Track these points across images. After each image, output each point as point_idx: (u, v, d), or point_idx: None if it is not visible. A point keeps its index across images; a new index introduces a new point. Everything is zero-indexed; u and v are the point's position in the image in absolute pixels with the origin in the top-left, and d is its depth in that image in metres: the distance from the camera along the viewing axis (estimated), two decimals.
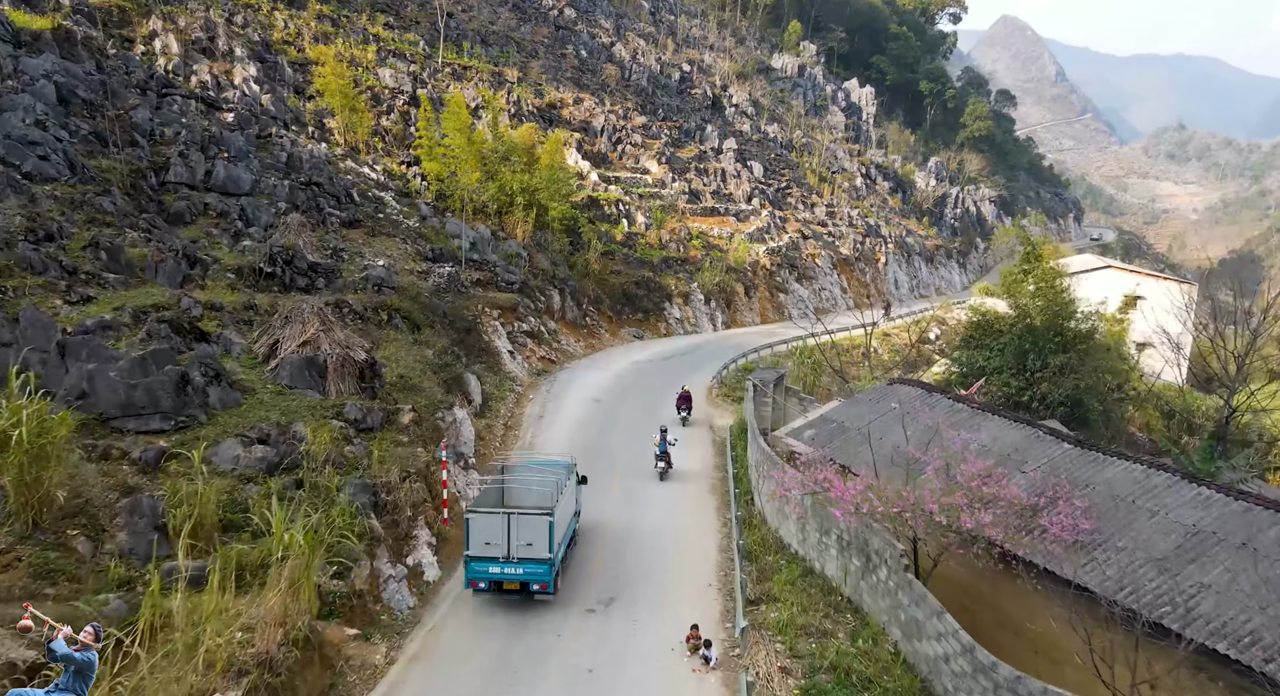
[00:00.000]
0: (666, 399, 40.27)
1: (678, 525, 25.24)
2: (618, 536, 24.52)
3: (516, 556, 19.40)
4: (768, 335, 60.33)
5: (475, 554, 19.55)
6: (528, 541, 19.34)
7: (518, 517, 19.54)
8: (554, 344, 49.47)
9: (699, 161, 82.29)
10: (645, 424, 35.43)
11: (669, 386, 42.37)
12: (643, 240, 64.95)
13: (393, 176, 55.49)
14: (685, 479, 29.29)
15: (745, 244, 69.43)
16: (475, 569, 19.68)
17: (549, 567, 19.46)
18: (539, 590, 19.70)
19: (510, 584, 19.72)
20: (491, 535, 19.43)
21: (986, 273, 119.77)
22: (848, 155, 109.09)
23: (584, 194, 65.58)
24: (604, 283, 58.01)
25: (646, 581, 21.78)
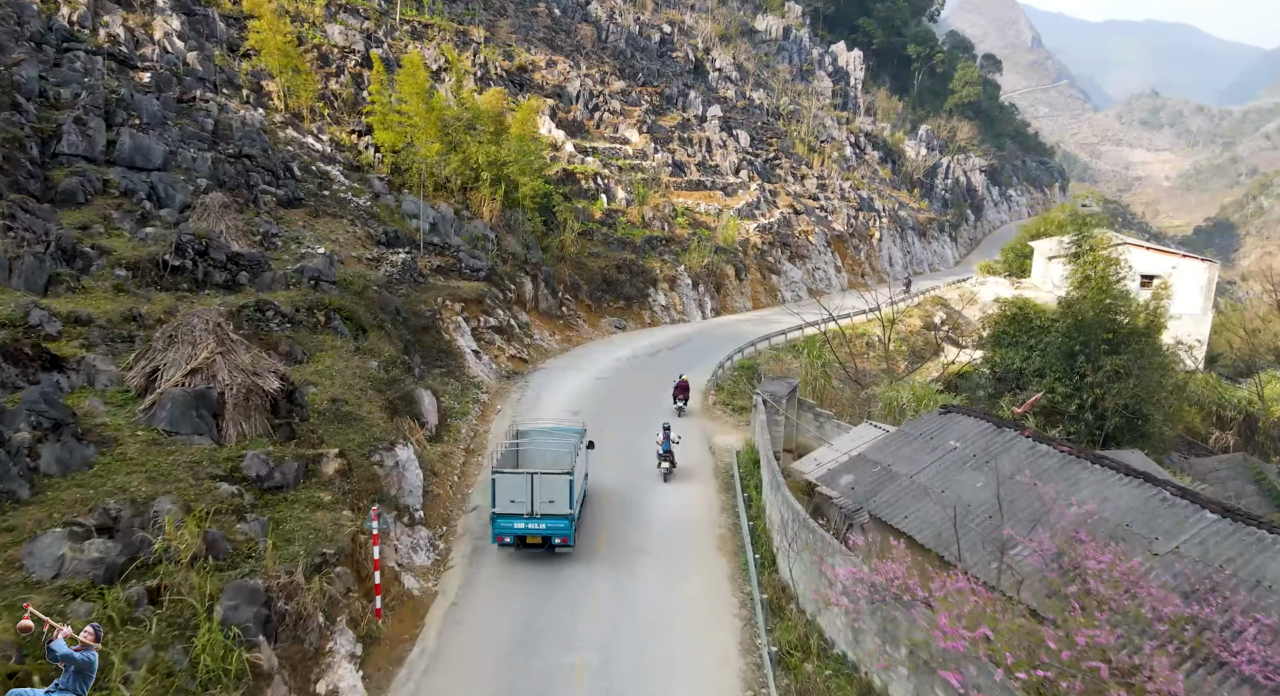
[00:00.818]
0: (657, 408, 34.36)
1: (680, 612, 19.20)
2: (603, 629, 18.57)
3: (540, 512, 20.88)
4: (763, 323, 54.41)
5: (501, 511, 21.01)
6: (549, 498, 20.85)
7: (540, 477, 20.95)
8: (526, 340, 43.23)
9: (682, 130, 75.65)
10: (634, 445, 29.51)
11: (658, 391, 36.44)
12: (624, 218, 58.54)
13: (341, 147, 48.57)
14: (684, 531, 23.36)
15: (734, 221, 63.23)
16: (501, 525, 21.13)
17: (569, 522, 21.03)
18: (560, 544, 21.19)
19: (533, 538, 21.15)
20: (516, 493, 20.86)
21: (976, 246, 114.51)
22: (836, 123, 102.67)
23: (558, 167, 58.92)
24: (581, 267, 51.69)
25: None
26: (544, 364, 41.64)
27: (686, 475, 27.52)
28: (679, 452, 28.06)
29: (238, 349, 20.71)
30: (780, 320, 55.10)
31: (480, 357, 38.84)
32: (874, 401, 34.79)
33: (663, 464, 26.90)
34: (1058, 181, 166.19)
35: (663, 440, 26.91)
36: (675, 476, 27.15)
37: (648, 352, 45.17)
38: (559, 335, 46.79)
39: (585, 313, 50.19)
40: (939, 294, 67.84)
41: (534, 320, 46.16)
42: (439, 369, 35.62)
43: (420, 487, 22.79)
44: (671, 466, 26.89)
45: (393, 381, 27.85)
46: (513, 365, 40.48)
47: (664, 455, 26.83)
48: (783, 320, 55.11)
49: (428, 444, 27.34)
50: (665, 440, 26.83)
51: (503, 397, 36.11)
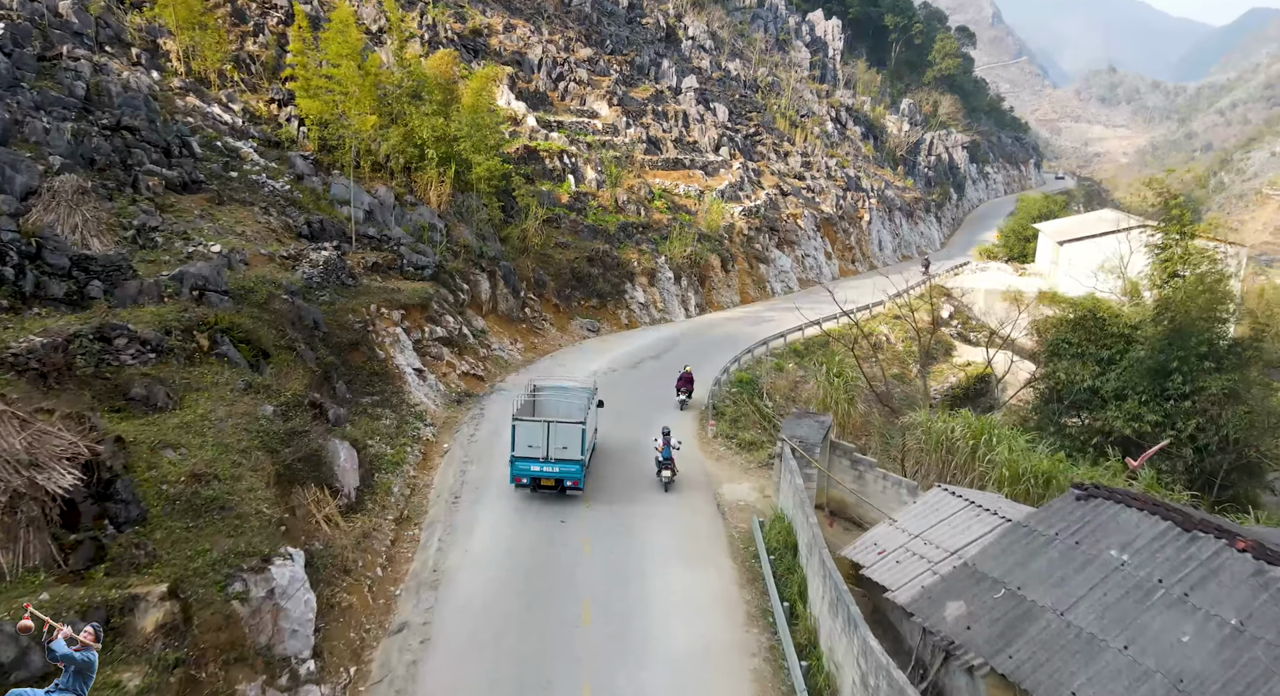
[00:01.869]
0: (644, 443, 27.10)
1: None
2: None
3: (554, 457, 22.35)
4: (756, 321, 47.21)
5: (520, 454, 22.55)
6: (563, 445, 22.38)
7: (555, 425, 22.56)
8: (482, 352, 35.57)
9: (656, 103, 67.75)
10: (624, 523, 22.17)
11: (647, 418, 29.19)
12: (594, 202, 50.78)
13: (258, 120, 40.10)
14: (700, 672, 16.01)
15: (718, 204, 55.76)
16: (519, 467, 22.66)
17: (580, 467, 22.59)
18: (571, 487, 22.70)
19: (547, 481, 22.67)
20: (533, 439, 22.42)
21: (959, 226, 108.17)
22: (815, 96, 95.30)
23: (519, 143, 50.88)
24: (547, 260, 43.95)
25: None
26: (504, 381, 34.04)
27: (695, 554, 20.28)
28: (677, 458, 24.30)
29: (3, 424, 12.91)
30: (774, 318, 47.91)
31: (425, 378, 31.16)
32: (911, 432, 27.83)
33: (663, 473, 23.83)
34: (1032, 158, 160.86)
35: (662, 446, 23.69)
36: (683, 559, 19.93)
37: (628, 363, 37.76)
38: (522, 343, 39.14)
39: (552, 314, 42.55)
40: (938, 282, 61.08)
41: (492, 326, 38.46)
42: (370, 397, 27.94)
43: (312, 620, 15.18)
44: (672, 475, 23.85)
45: (293, 434, 20.14)
46: (466, 384, 32.86)
47: (664, 463, 23.70)
48: (776, 318, 47.92)
49: (341, 520, 19.75)
50: (666, 446, 23.63)
51: (451, 430, 28.52)
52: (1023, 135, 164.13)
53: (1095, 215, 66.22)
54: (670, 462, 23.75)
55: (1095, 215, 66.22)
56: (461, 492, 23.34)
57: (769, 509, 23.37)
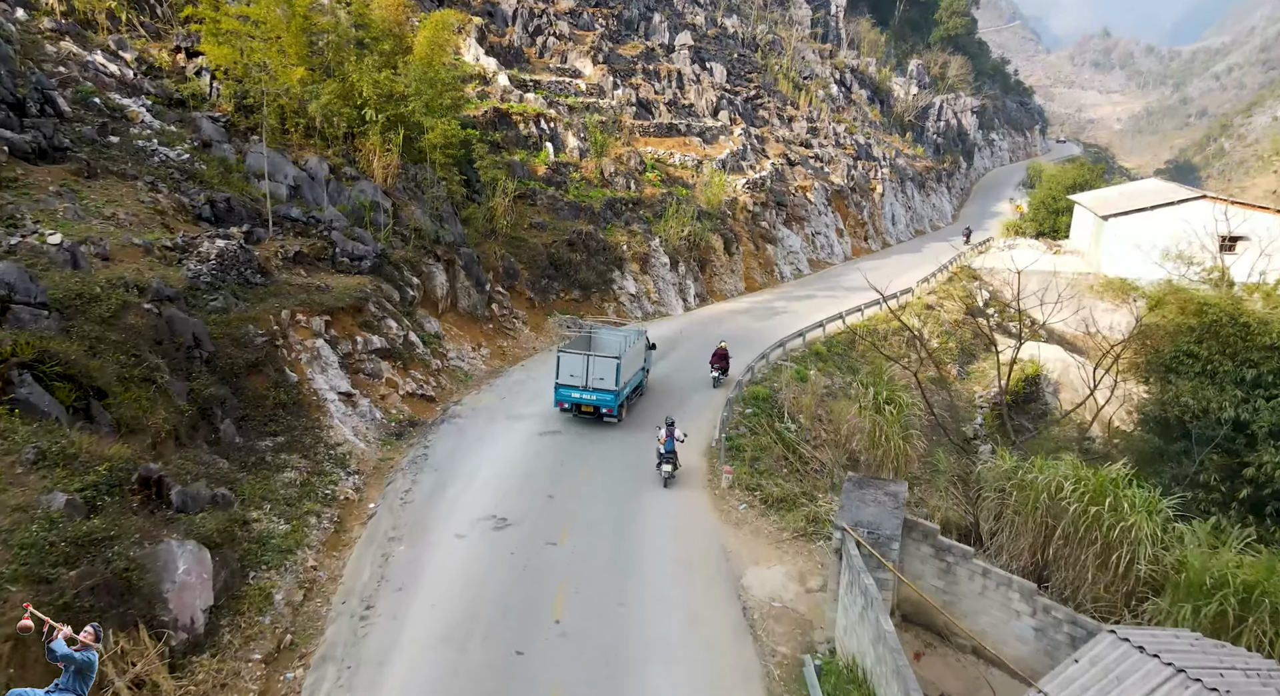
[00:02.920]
0: (648, 506, 20.03)
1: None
2: None
3: (592, 386, 24.88)
4: (765, 313, 39.95)
5: (562, 382, 25.25)
6: (600, 376, 24.83)
7: (593, 358, 24.99)
8: (434, 363, 28.23)
9: (646, 61, 59.68)
10: (608, 638, 15.12)
11: (636, 478, 22.06)
12: (576, 174, 43.13)
13: (158, 72, 32.20)
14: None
15: (719, 175, 48.10)
16: (562, 393, 25.38)
17: (615, 397, 24.83)
18: (606, 414, 25.27)
19: (586, 407, 25.34)
20: (574, 370, 25.04)
21: (967, 197, 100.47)
22: (818, 57, 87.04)
23: (488, 105, 43.02)
24: (520, 245, 36.46)
25: None
26: (462, 402, 26.76)
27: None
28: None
29: None
30: (787, 310, 40.64)
31: (355, 404, 23.88)
32: (990, 483, 20.78)
33: (663, 466, 21.85)
34: (1038, 124, 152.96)
35: (665, 438, 21.81)
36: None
37: None
38: (487, 347, 31.79)
39: (526, 310, 35.14)
40: (964, 263, 53.81)
41: (450, 328, 31.08)
42: (272, 439, 20.73)
43: None
44: (674, 469, 21.89)
45: (91, 543, 12.87)
46: (412, 409, 25.58)
47: (665, 455, 21.75)
48: (790, 310, 40.65)
49: (166, 677, 12.58)
50: (669, 438, 21.77)
51: (382, 480, 21.30)
52: (1027, 100, 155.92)
53: (1140, 186, 58.88)
54: (672, 455, 21.57)
55: (1140, 186, 58.88)
56: (378, 596, 16.16)
57: (815, 613, 16.35)
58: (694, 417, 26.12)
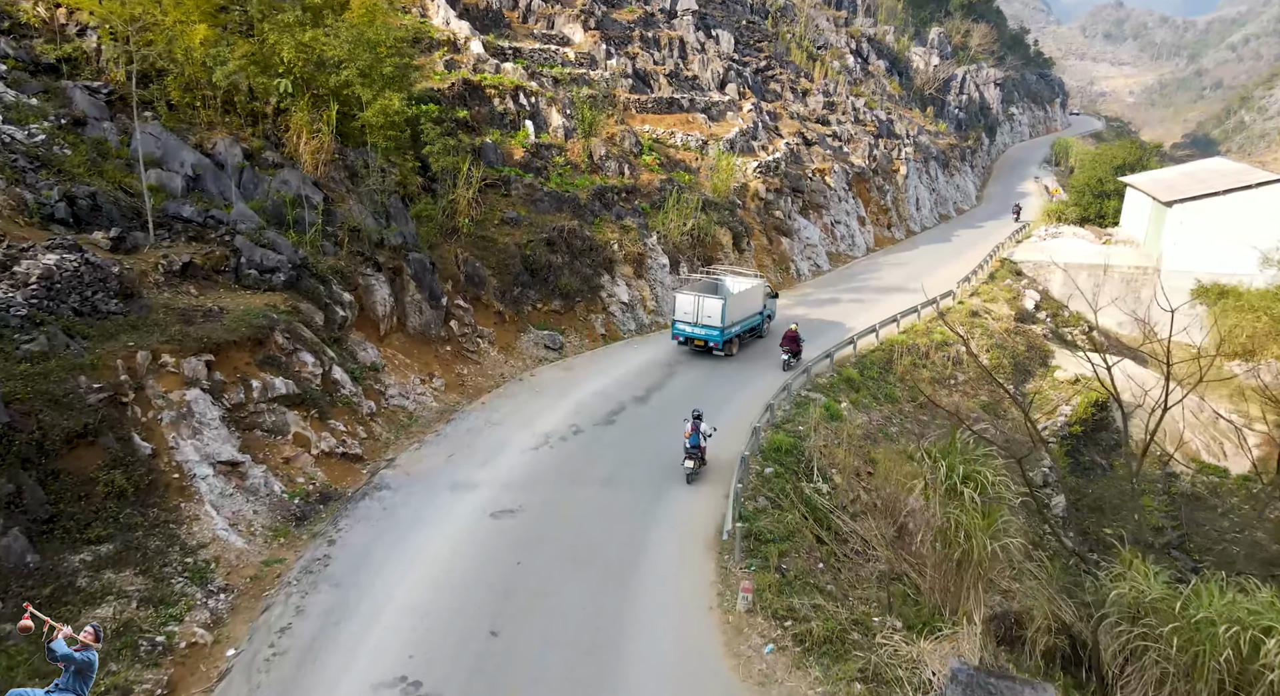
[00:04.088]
0: (632, 653, 13.82)
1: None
2: None
3: (701, 323, 28.32)
4: (783, 325, 33.38)
5: (677, 318, 29.01)
6: (709, 315, 28.18)
7: (701, 298, 28.31)
8: (366, 405, 21.92)
9: (645, 27, 52.67)
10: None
11: (625, 563, 15.87)
12: (560, 158, 36.49)
13: (27, 30, 25.64)
14: None
15: (727, 158, 41.32)
16: (677, 327, 29.17)
17: (720, 333, 28.16)
18: (714, 348, 28.64)
19: (698, 341, 28.77)
20: (687, 308, 28.61)
21: (990, 177, 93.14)
22: (832, 25, 79.58)
23: (456, 77, 36.28)
24: (487, 246, 29.96)
25: None
26: (396, 463, 20.45)
27: None
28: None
29: None
30: (808, 318, 34.15)
31: (242, 476, 17.63)
32: (1126, 618, 14.43)
33: (686, 462, 19.98)
34: (1059, 97, 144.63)
35: (690, 433, 19.82)
36: None
37: (602, 412, 24.16)
38: (442, 377, 25.42)
39: (493, 326, 28.68)
40: (1005, 255, 47.09)
41: (394, 355, 24.72)
42: (94, 549, 14.55)
43: None
44: (695, 466, 19.97)
45: None
46: (327, 475, 19.30)
47: (690, 450, 19.86)
48: (811, 318, 34.17)
49: None
50: (694, 433, 19.78)
51: (257, 604, 15.02)
52: (1047, 72, 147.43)
53: (1203, 165, 51.89)
54: (697, 451, 20.13)
55: (1203, 165, 51.89)
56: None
57: None
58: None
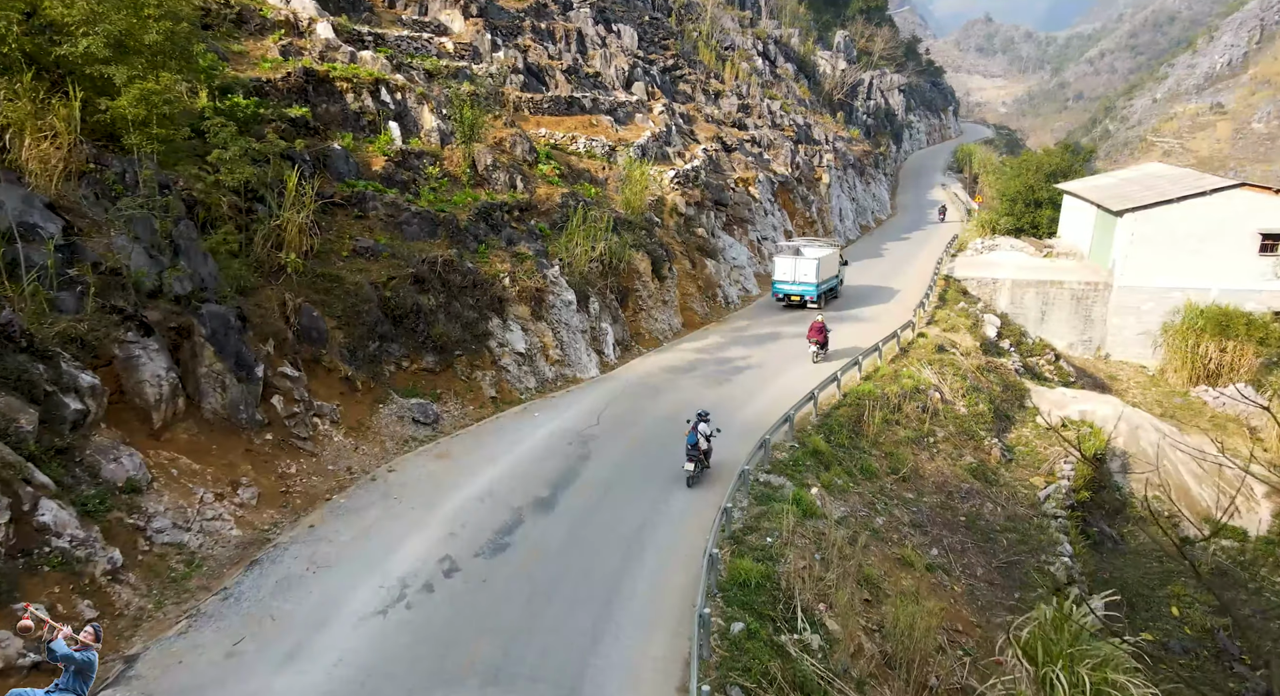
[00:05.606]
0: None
1: None
2: None
3: (798, 281, 34.82)
4: (720, 373, 26.51)
5: (776, 279, 35.75)
6: (804, 273, 34.61)
7: (796, 259, 34.78)
8: (104, 560, 13.50)
9: (537, 17, 45.10)
10: None
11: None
12: (435, 168, 28.59)
13: None
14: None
15: (640, 167, 34.19)
16: (776, 287, 35.75)
17: (815, 288, 34.60)
18: (809, 301, 34.86)
19: (795, 297, 35.12)
20: (785, 269, 35.19)
21: (898, 184, 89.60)
22: (738, 25, 73.94)
23: (296, 66, 27.84)
24: (330, 288, 21.85)
25: None
26: (137, 667, 12.21)
27: None
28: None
29: None
30: (748, 360, 27.37)
31: None
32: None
33: (686, 464, 18.63)
34: (951, 105, 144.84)
35: (689, 432, 18.59)
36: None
37: (490, 530, 16.59)
38: (254, 483, 17.20)
39: (339, 397, 20.57)
40: (946, 272, 41.76)
41: (174, 458, 16.38)
42: None
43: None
44: (696, 469, 18.73)
45: None
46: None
47: (690, 451, 18.55)
48: (751, 361, 27.41)
49: None
50: (692, 432, 18.58)
51: None
52: (939, 81, 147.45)
53: (1147, 170, 48.05)
54: (696, 451, 18.40)
55: (1147, 170, 48.05)
56: None
57: None
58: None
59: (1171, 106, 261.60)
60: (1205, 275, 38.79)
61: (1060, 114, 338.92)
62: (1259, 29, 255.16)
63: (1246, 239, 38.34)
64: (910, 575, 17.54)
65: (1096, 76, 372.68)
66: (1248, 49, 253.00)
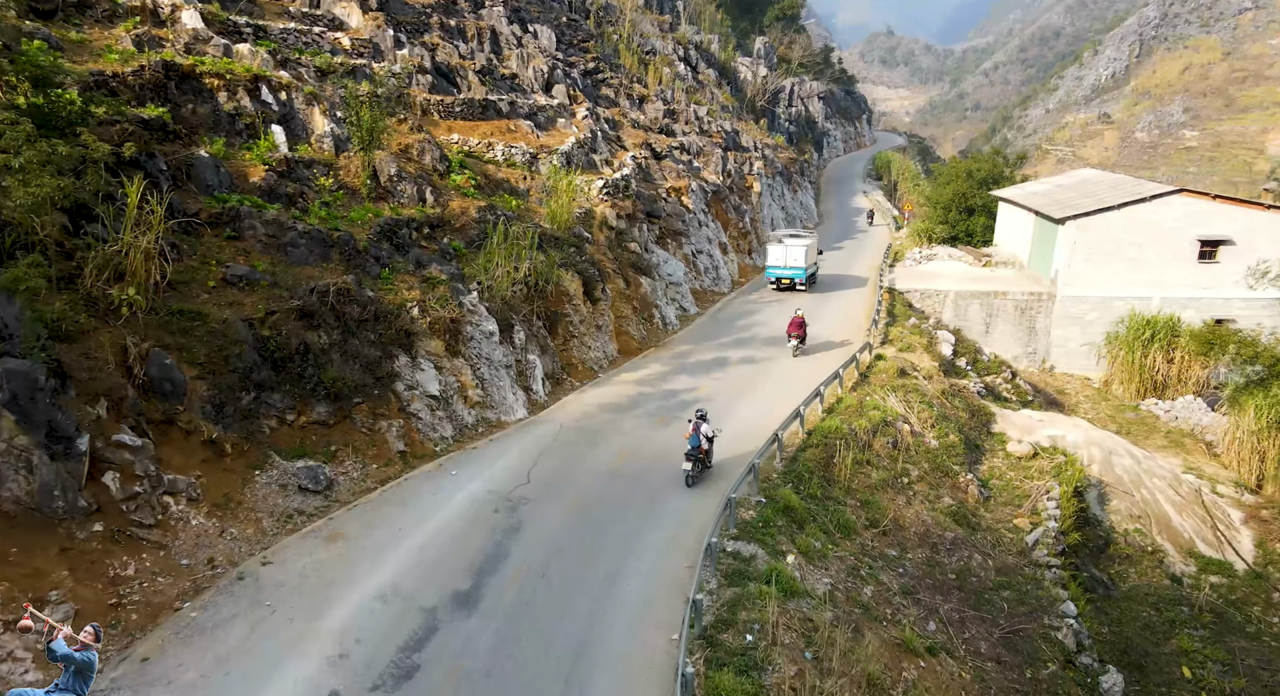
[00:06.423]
0: None
1: None
2: None
3: (789, 265, 38.71)
4: (664, 407, 23.14)
5: (770, 264, 39.42)
6: (795, 259, 38.65)
7: (787, 247, 38.99)
8: None
9: (446, 14, 40.95)
10: None
11: None
12: (328, 179, 24.28)
13: None
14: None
15: (566, 176, 30.49)
16: (770, 271, 39.46)
17: (803, 271, 38.62)
18: (798, 284, 38.90)
19: (785, 280, 39.01)
20: (777, 255, 39.04)
21: (821, 192, 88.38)
22: (658, 30, 71.10)
23: (150, 58, 23.10)
24: (190, 327, 17.40)
25: None
26: None
27: None
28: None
29: None
30: (695, 391, 24.07)
31: None
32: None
33: (685, 464, 18.35)
34: (865, 113, 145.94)
35: (691, 434, 18.17)
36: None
37: (393, 647, 12.70)
38: (72, 596, 12.74)
39: (199, 467, 16.20)
40: (889, 284, 39.47)
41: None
42: None
43: None
44: (695, 469, 18.41)
45: None
46: None
47: (691, 453, 18.20)
48: (699, 391, 24.11)
49: None
50: (695, 434, 18.16)
51: None
52: (853, 89, 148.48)
53: (1082, 176, 46.98)
54: (697, 452, 18.18)
55: (1082, 176, 46.98)
56: None
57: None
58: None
59: (1063, 116, 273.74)
60: (1147, 283, 37.62)
61: (961, 123, 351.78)
62: (1139, 43, 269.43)
63: (1186, 246, 37.32)
64: (914, 663, 14.43)
65: (992, 87, 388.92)
66: (1129, 62, 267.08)
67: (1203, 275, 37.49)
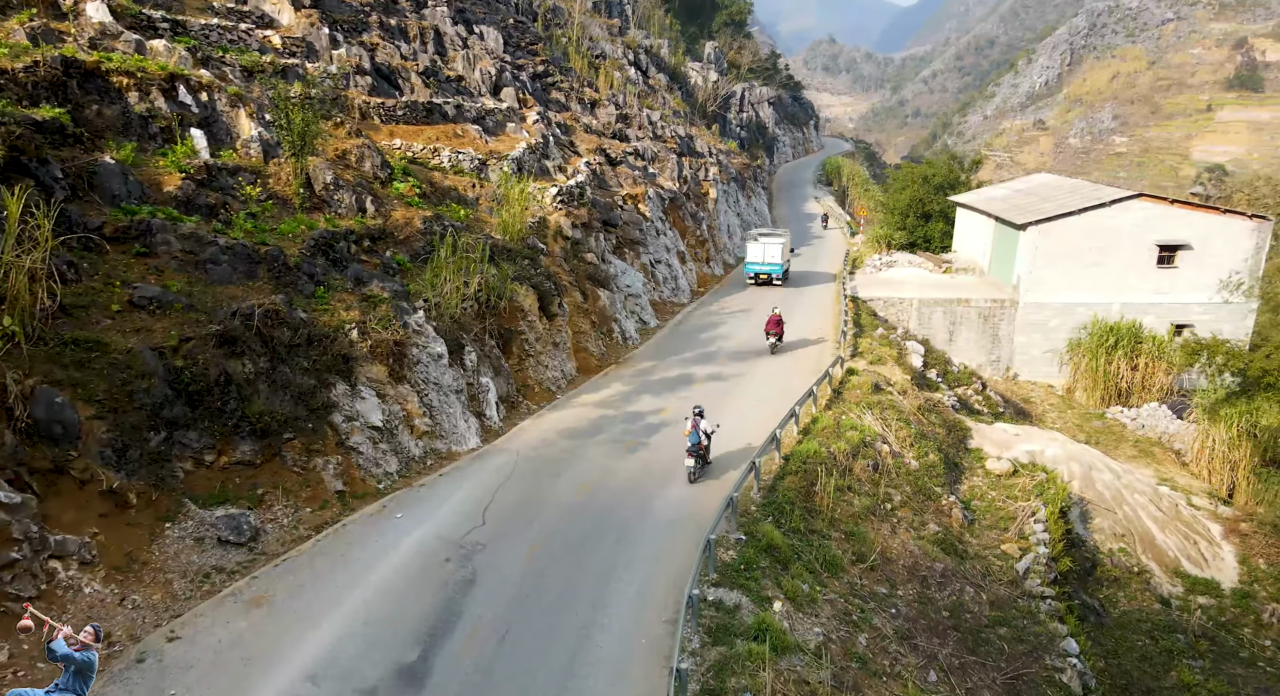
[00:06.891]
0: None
1: None
2: None
3: (767, 261, 41.16)
4: (629, 431, 21.32)
5: (749, 260, 41.86)
6: (772, 255, 41.15)
7: (765, 245, 41.47)
8: None
9: (385, 13, 38.59)
10: None
11: None
12: (255, 189, 21.92)
13: None
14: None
15: (519, 183, 28.50)
16: (749, 267, 41.89)
17: (780, 267, 41.18)
18: (775, 279, 41.45)
19: (764, 275, 41.41)
20: (756, 252, 41.44)
21: (773, 198, 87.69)
22: (606, 34, 69.43)
23: (46, 53, 20.49)
24: (87, 359, 15.02)
25: None
26: None
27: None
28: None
29: None
30: (661, 414, 22.37)
31: None
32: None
33: (687, 460, 18.32)
34: (812, 119, 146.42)
35: (690, 430, 18.11)
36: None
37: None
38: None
39: (98, 522, 13.87)
40: (851, 292, 38.37)
41: None
42: None
43: None
44: (696, 465, 18.39)
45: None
46: None
47: (692, 449, 18.16)
48: (666, 414, 22.43)
49: None
50: (695, 430, 18.11)
51: None
52: (800, 95, 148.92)
53: (1039, 180, 46.58)
54: (698, 449, 18.13)
55: (1039, 180, 46.58)
56: None
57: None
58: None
59: (1000, 122, 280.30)
60: (1108, 289, 37.21)
61: (902, 129, 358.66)
62: (1069, 52, 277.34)
63: (1144, 251, 37.00)
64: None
65: (931, 95, 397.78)
66: (1061, 71, 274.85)
67: (1161, 280, 37.21)
